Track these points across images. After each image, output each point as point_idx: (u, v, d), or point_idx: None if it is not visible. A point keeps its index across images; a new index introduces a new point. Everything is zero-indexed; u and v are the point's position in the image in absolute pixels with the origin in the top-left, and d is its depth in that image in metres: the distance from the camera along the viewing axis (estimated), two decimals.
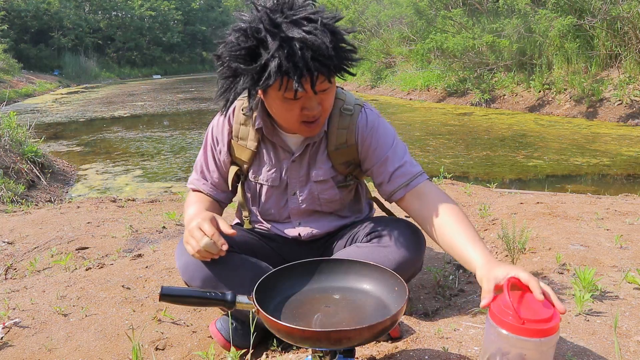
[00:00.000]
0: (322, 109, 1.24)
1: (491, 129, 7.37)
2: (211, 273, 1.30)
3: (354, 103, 1.40)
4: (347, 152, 1.39)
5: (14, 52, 23.38)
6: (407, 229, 1.38)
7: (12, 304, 1.72)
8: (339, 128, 1.37)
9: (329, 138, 1.38)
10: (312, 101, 1.20)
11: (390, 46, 14.66)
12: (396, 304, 1.09)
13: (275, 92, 1.18)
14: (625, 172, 4.80)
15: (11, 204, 3.84)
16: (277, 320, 0.98)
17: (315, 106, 1.21)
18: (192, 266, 1.31)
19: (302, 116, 1.23)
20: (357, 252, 1.35)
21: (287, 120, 1.26)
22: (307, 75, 1.11)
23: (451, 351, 1.23)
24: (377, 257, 1.32)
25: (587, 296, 1.37)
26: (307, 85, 1.14)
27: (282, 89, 1.15)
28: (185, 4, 41.55)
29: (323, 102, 1.23)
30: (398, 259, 1.32)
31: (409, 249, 1.33)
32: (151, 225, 2.78)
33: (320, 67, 1.12)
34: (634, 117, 7.23)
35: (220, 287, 1.31)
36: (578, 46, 8.44)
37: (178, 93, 16.93)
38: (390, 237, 1.35)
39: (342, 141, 1.38)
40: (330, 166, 1.41)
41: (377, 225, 1.42)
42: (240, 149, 1.42)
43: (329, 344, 0.97)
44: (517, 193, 3.33)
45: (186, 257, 1.31)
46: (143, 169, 5.66)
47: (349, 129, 1.37)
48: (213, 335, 1.44)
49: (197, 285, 1.32)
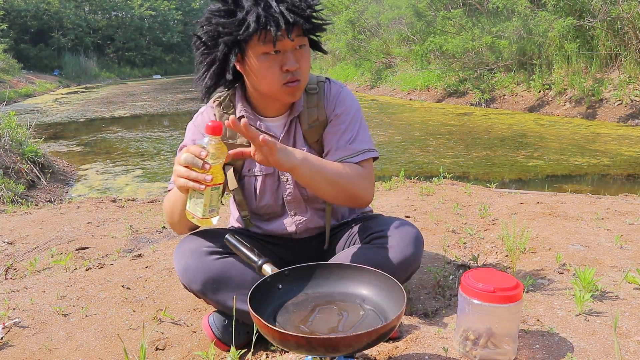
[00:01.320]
0: (301, 70, 1.29)
1: (491, 129, 7.37)
2: (211, 276, 1.30)
3: (316, 81, 1.45)
4: (319, 128, 1.43)
5: (14, 52, 23.38)
6: (408, 230, 1.39)
7: (12, 304, 1.72)
8: (308, 107, 1.42)
9: (301, 118, 1.42)
10: (290, 56, 1.26)
11: (390, 46, 14.66)
12: (394, 309, 1.09)
13: (254, 50, 1.26)
14: (625, 172, 4.80)
15: (11, 204, 3.84)
16: (272, 327, 0.96)
17: (294, 62, 1.27)
18: (191, 269, 1.31)
19: (282, 76, 1.28)
20: (359, 253, 1.36)
21: (271, 82, 1.29)
22: (284, 25, 1.21)
23: (451, 351, 1.23)
24: (379, 257, 1.33)
25: (587, 296, 1.37)
26: (285, 38, 1.23)
27: (261, 40, 1.23)
28: (185, 4, 41.57)
29: (300, 61, 1.29)
30: (400, 258, 1.33)
31: (410, 249, 1.34)
32: (151, 225, 2.78)
33: (295, 17, 1.22)
34: (634, 117, 7.23)
35: (220, 289, 1.31)
36: (578, 46, 8.44)
37: (178, 93, 16.92)
38: (391, 238, 1.36)
39: (314, 119, 1.42)
40: (307, 147, 1.43)
41: (377, 225, 1.42)
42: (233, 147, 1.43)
43: (326, 351, 0.96)
44: (517, 193, 3.33)
45: (185, 260, 1.32)
46: (143, 169, 5.66)
47: (318, 107, 1.42)
48: (204, 328, 1.44)
49: (196, 289, 1.32)
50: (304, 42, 1.30)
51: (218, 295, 1.33)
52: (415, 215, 2.63)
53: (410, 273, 1.39)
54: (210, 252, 1.34)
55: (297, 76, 1.29)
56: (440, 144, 6.44)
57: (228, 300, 1.33)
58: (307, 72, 1.33)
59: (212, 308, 1.64)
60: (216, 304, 1.36)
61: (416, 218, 2.59)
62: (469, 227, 2.43)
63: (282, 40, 1.24)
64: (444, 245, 2.18)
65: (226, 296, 1.33)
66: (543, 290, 1.58)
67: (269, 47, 1.24)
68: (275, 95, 1.34)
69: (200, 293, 1.34)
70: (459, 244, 2.22)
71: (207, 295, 1.33)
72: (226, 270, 1.32)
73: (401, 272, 1.33)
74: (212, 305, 1.39)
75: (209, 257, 1.33)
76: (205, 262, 1.32)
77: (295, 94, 1.33)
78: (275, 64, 1.27)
